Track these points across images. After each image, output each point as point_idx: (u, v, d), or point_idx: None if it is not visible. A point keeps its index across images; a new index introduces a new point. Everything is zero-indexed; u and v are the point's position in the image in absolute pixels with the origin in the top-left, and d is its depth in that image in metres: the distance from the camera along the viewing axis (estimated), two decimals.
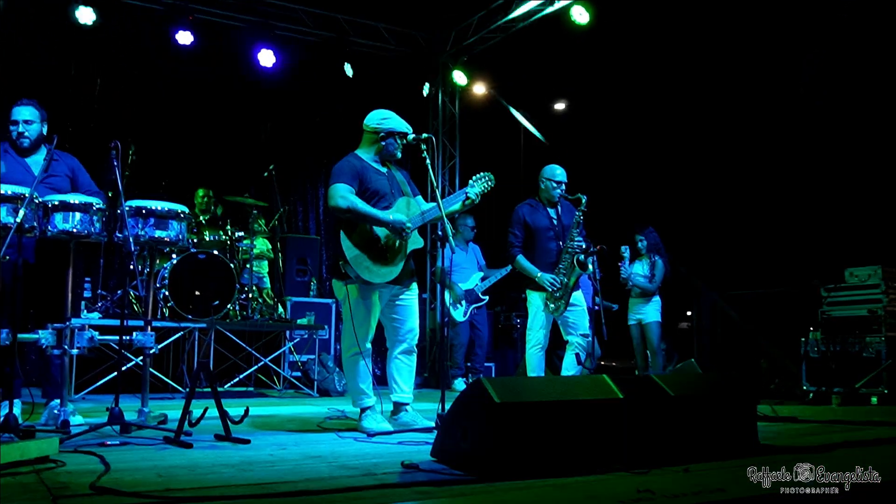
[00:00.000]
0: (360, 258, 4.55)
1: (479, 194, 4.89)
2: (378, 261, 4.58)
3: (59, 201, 4.22)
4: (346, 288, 4.64)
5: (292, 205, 10.51)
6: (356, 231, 4.59)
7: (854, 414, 5.81)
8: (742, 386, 4.06)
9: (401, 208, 4.69)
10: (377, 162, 4.82)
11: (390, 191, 4.74)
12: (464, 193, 4.87)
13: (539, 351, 5.74)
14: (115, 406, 4.16)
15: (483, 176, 4.95)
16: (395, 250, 4.63)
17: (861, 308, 7.08)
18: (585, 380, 3.93)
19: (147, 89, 9.35)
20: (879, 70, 7.85)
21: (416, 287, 4.90)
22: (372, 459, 3.56)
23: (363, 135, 4.91)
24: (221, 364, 8.01)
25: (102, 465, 3.17)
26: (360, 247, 4.57)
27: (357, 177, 4.65)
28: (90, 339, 4.33)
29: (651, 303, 7.86)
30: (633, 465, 3.26)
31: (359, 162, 4.76)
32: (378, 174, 4.77)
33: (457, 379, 8.88)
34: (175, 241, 4.59)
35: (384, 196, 4.69)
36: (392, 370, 4.86)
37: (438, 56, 10.90)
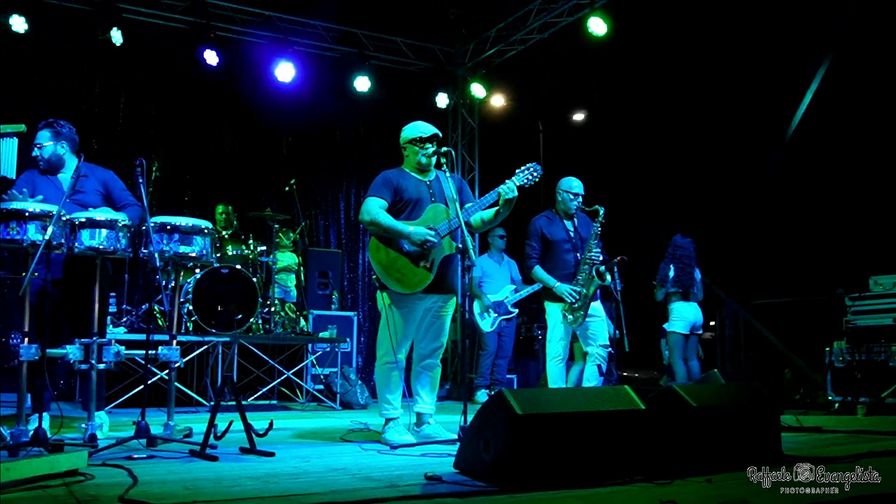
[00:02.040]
0: (391, 271, 4.63)
1: (517, 187, 4.63)
2: (408, 273, 4.62)
3: (85, 218, 4.30)
4: (383, 296, 4.71)
5: (313, 219, 10.58)
6: (385, 243, 4.66)
7: (880, 424, 5.75)
8: (765, 396, 4.04)
9: (428, 217, 4.71)
10: (418, 171, 4.86)
11: (430, 199, 4.77)
12: (495, 193, 4.67)
13: (560, 363, 5.75)
14: (142, 420, 4.22)
15: (528, 167, 4.74)
16: (425, 260, 4.65)
17: (887, 317, 7.01)
18: (607, 391, 3.93)
19: (170, 106, 9.48)
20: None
21: (454, 301, 4.92)
22: (395, 471, 3.59)
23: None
24: (245, 377, 8.07)
25: (130, 479, 3.21)
26: (388, 259, 4.64)
27: (391, 187, 4.72)
28: (116, 353, 4.40)
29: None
30: (655, 476, 3.26)
31: (397, 173, 4.84)
32: (418, 182, 4.81)
33: (480, 390, 8.88)
34: (199, 257, 4.65)
35: (420, 205, 4.73)
36: (416, 382, 4.90)
37: (457, 69, 10.96)
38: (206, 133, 9.74)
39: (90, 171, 5.01)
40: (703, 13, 9.19)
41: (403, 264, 4.63)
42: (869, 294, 7.24)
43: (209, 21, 9.07)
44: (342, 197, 10.78)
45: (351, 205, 10.78)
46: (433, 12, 10.27)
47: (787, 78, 9.28)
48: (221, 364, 7.48)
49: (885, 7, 7.87)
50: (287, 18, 9.71)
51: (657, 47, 9.84)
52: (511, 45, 10.29)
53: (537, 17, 9.72)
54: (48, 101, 8.42)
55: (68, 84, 8.90)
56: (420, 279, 4.63)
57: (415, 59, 10.72)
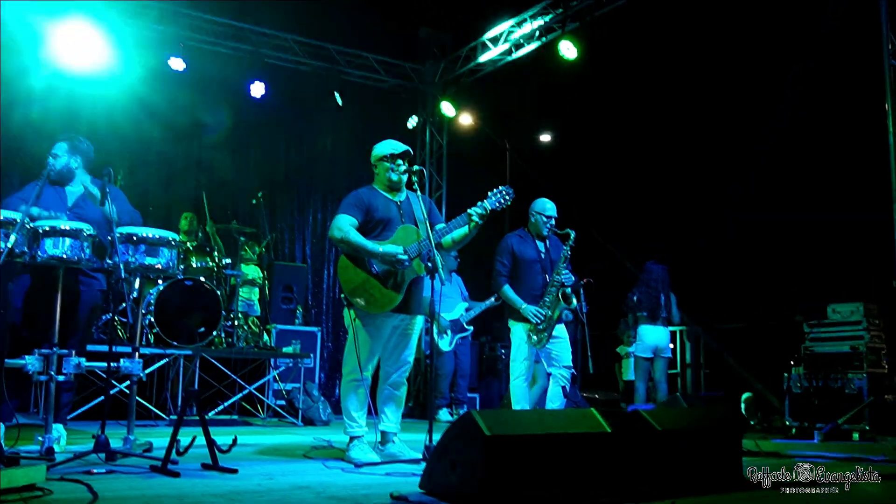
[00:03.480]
0: (358, 290, 4.60)
1: (487, 209, 4.62)
2: (376, 292, 4.60)
3: (49, 227, 4.23)
4: (350, 314, 4.68)
5: (279, 232, 10.52)
6: (354, 263, 4.64)
7: (836, 449, 5.85)
8: (727, 420, 4.09)
9: (398, 237, 4.70)
10: (389, 191, 4.85)
11: (399, 219, 4.76)
12: (465, 216, 4.66)
13: (523, 382, 5.76)
14: (102, 433, 4.14)
15: (500, 190, 4.71)
16: (394, 280, 4.64)
17: (843, 344, 7.15)
18: (574, 413, 3.96)
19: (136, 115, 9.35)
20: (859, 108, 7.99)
21: (421, 321, 4.91)
22: (361, 490, 3.56)
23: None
24: (206, 391, 7.95)
25: (90, 494, 3.15)
26: (357, 278, 4.62)
27: (363, 207, 4.70)
28: (77, 365, 4.33)
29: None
30: (619, 499, 3.28)
31: (368, 191, 4.82)
32: (388, 202, 4.80)
33: (441, 409, 8.87)
34: (165, 269, 4.61)
35: (390, 225, 4.72)
36: (381, 400, 4.87)
37: (427, 87, 11.01)
38: (172, 142, 9.63)
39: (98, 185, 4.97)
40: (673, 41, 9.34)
41: (372, 284, 4.61)
42: (827, 322, 7.38)
43: (180, 30, 9.01)
44: (309, 211, 10.73)
45: (318, 220, 10.74)
46: (405, 30, 10.32)
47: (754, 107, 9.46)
48: (182, 377, 7.37)
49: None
50: (258, 31, 9.69)
51: (626, 73, 9.98)
52: (481, 65, 10.37)
53: (508, 38, 9.82)
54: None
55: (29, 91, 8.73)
56: (389, 300, 4.62)
57: (385, 76, 10.75)
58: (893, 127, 6.31)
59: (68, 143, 5.04)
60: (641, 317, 8.17)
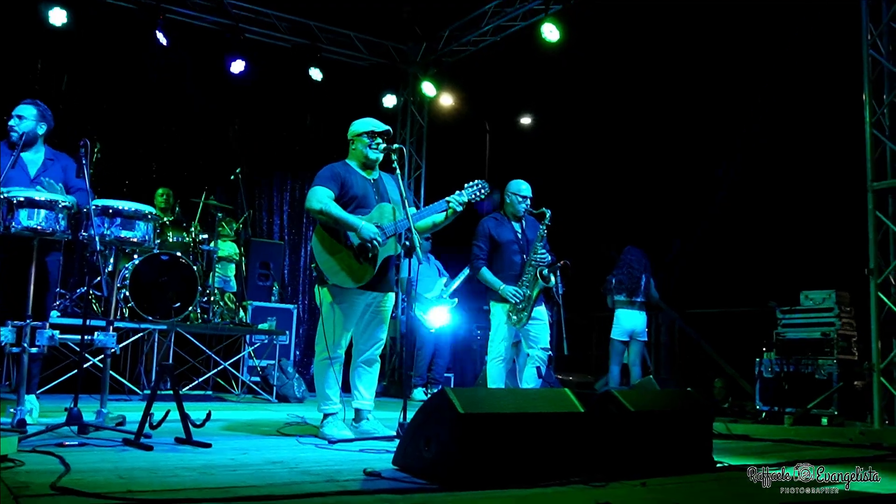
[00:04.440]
0: (332, 262, 4.58)
1: (464, 203, 4.84)
2: (350, 266, 4.59)
3: (24, 197, 4.18)
4: (322, 291, 4.67)
5: (257, 209, 10.47)
6: (330, 236, 4.62)
7: (805, 434, 5.94)
8: (699, 403, 4.15)
9: (375, 215, 4.71)
10: (363, 168, 4.84)
11: (374, 197, 4.76)
12: (444, 202, 4.83)
13: (500, 363, 5.79)
14: (74, 406, 4.12)
15: (475, 184, 4.90)
16: (368, 256, 4.64)
17: (815, 330, 7.24)
18: (548, 393, 3.99)
19: (114, 88, 9.24)
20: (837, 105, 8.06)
21: (392, 298, 4.92)
22: (334, 466, 3.57)
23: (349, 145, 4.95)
24: (180, 367, 7.94)
25: (62, 466, 3.14)
26: (332, 251, 4.60)
27: (338, 181, 4.69)
28: (50, 337, 4.30)
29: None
30: (591, 478, 3.32)
31: (343, 167, 4.81)
32: (363, 180, 4.79)
33: (417, 388, 8.90)
34: (141, 242, 4.57)
35: (365, 202, 4.71)
36: (354, 378, 4.87)
37: (409, 67, 10.96)
38: (150, 117, 9.52)
39: (55, 156, 4.93)
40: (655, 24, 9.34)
41: (347, 256, 4.60)
42: (800, 308, 7.46)
43: (159, 3, 8.89)
44: (287, 188, 10.67)
45: (296, 197, 10.67)
46: (388, 9, 10.24)
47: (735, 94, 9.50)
48: (157, 352, 7.34)
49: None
50: (239, 5, 9.58)
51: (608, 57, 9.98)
52: (464, 45, 10.34)
53: (491, 20, 9.79)
54: None
55: (7, 61, 8.60)
56: (363, 273, 4.61)
57: (367, 55, 10.68)
58: (870, 117, 6.36)
59: (37, 108, 4.94)
60: (619, 301, 8.25)
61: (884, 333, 6.20)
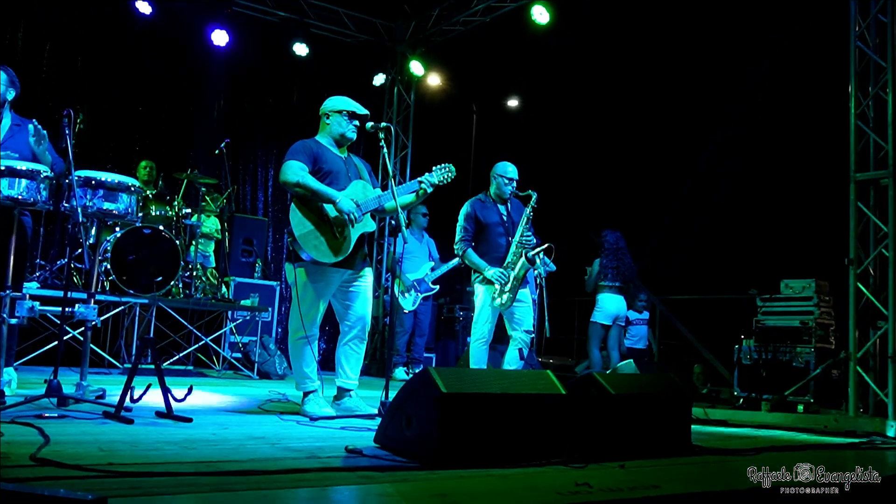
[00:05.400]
0: (309, 236, 4.54)
1: (434, 184, 4.92)
2: (327, 240, 4.57)
3: (5, 167, 4.13)
4: (296, 270, 4.64)
5: (241, 185, 10.41)
6: (307, 209, 4.59)
7: (782, 420, 6.03)
8: (680, 388, 4.18)
9: (356, 191, 4.70)
10: (334, 146, 4.83)
11: (346, 174, 4.75)
12: (417, 182, 4.89)
13: (483, 345, 5.80)
14: (55, 378, 4.10)
15: (443, 167, 4.98)
16: (344, 231, 4.63)
17: (794, 319, 7.29)
18: (530, 374, 4.01)
19: (97, 57, 9.12)
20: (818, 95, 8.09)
21: (369, 273, 4.90)
22: (315, 443, 3.58)
23: (320, 121, 4.92)
24: (161, 341, 7.91)
25: (41, 437, 3.13)
26: (310, 224, 4.56)
27: (312, 156, 4.67)
28: (31, 308, 4.26)
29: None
30: (571, 460, 3.34)
31: (315, 144, 4.78)
32: (335, 156, 4.79)
33: (398, 367, 8.91)
34: (124, 215, 4.55)
35: (338, 178, 4.70)
36: (340, 356, 4.84)
37: (397, 45, 10.89)
38: (134, 88, 9.42)
39: (22, 122, 4.84)
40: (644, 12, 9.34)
41: (324, 230, 4.58)
42: (779, 296, 7.51)
43: None
44: (272, 165, 10.60)
45: None
46: None
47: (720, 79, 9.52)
48: (138, 326, 7.31)
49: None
50: None
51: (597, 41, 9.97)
52: (453, 25, 10.27)
53: (482, 1, 9.73)
54: None
55: None
56: (338, 246, 4.58)
57: (355, 32, 10.59)
58: (856, 108, 6.39)
59: (7, 75, 4.80)
60: (602, 285, 8.28)
61: (861, 323, 6.26)
